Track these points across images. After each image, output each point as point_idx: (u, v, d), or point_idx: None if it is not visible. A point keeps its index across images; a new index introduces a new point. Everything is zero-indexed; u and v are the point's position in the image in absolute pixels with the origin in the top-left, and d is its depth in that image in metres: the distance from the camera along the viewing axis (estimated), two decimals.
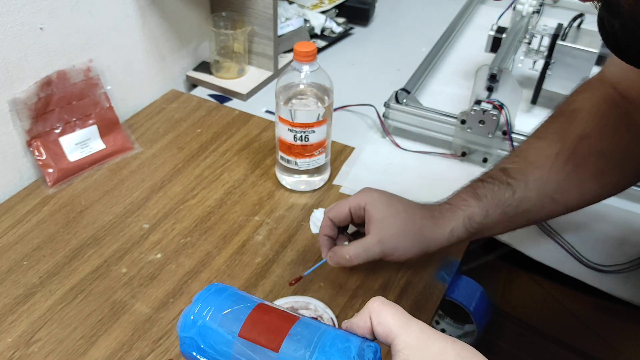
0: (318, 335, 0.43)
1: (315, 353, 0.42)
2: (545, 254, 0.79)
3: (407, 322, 0.42)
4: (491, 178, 0.67)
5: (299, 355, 0.42)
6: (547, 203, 0.66)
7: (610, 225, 0.80)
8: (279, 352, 0.42)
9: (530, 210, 0.66)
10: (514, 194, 0.65)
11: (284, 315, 0.45)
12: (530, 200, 0.65)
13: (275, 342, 0.43)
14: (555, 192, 0.66)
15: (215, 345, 0.45)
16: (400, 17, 1.33)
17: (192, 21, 1.05)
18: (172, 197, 0.82)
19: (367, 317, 0.43)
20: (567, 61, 0.94)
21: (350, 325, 0.44)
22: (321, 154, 0.80)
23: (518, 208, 0.65)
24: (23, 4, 0.75)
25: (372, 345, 0.43)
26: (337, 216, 0.67)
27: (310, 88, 0.76)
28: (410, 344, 0.41)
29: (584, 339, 0.85)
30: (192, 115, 0.98)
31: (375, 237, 0.64)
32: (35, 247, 0.74)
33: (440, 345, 0.40)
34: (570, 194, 0.66)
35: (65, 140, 0.85)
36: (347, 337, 0.43)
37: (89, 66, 0.86)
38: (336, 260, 0.66)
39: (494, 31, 1.04)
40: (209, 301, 0.46)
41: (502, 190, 0.66)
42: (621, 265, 0.76)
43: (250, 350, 0.43)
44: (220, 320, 0.45)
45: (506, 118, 0.84)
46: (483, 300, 0.75)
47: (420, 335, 0.41)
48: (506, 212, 0.65)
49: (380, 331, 0.42)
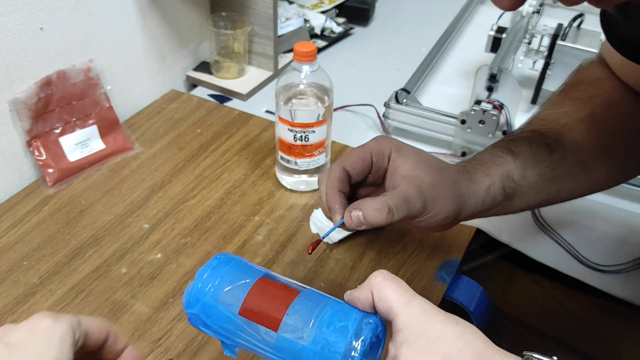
0: (317, 313, 0.43)
1: (313, 332, 0.42)
2: (545, 254, 0.79)
3: (409, 300, 0.40)
4: (524, 137, 0.59)
5: (297, 335, 0.42)
6: (580, 170, 0.59)
7: (610, 225, 0.80)
8: (278, 331, 0.43)
9: (563, 178, 0.59)
10: (552, 154, 0.58)
11: (284, 292, 0.45)
12: (566, 165, 0.59)
13: (274, 321, 0.43)
14: (590, 158, 0.59)
15: (219, 322, 0.45)
16: (400, 17, 1.32)
17: (192, 21, 1.05)
18: (172, 197, 0.82)
19: (369, 291, 0.42)
20: (567, 61, 0.94)
21: (352, 298, 0.43)
22: (321, 154, 0.80)
23: (554, 171, 0.58)
24: (23, 4, 0.75)
25: (372, 322, 0.42)
26: (356, 165, 0.53)
27: (310, 88, 0.76)
28: (410, 325, 0.39)
29: (584, 339, 0.85)
30: (192, 115, 0.98)
31: (412, 187, 0.51)
32: (36, 247, 0.74)
33: (440, 328, 0.39)
34: (602, 163, 0.60)
35: (65, 140, 0.85)
36: (346, 314, 0.42)
37: (89, 66, 0.86)
38: (366, 216, 0.49)
39: (494, 31, 1.04)
40: (210, 277, 0.46)
41: (540, 149, 0.58)
42: (621, 265, 0.76)
43: (251, 328, 0.44)
44: (222, 298, 0.45)
45: (506, 118, 0.84)
46: (483, 300, 0.75)
47: (421, 316, 0.40)
48: (543, 174, 0.58)
49: (381, 307, 0.41)
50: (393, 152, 0.54)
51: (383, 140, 0.55)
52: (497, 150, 0.59)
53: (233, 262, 0.48)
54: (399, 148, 0.54)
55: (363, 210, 0.49)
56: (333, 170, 0.53)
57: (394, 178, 0.53)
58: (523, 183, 0.57)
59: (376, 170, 0.54)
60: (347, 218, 0.50)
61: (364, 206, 0.49)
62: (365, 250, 0.74)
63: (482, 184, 0.56)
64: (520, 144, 0.59)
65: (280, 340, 0.43)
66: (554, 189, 0.59)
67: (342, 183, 0.52)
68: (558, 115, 0.62)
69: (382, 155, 0.54)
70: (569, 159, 0.59)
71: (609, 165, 0.61)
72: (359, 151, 0.54)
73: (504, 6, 0.39)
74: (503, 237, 0.81)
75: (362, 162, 0.53)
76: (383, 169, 0.54)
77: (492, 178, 0.56)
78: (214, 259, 0.48)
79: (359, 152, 0.54)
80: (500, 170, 0.56)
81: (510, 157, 0.57)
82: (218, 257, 0.48)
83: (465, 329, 0.39)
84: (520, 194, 0.58)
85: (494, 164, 0.57)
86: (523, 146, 0.58)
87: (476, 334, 0.39)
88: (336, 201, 0.52)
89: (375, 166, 0.54)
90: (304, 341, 0.42)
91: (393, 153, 0.54)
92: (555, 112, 0.63)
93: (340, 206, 0.51)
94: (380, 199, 0.50)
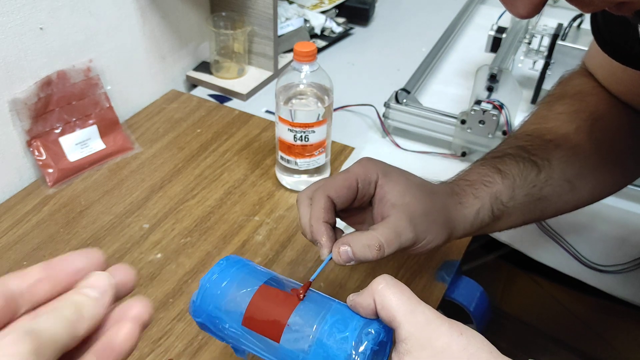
0: (317, 322, 0.42)
1: (314, 344, 0.42)
2: (546, 254, 0.79)
3: (413, 309, 0.39)
4: (510, 155, 0.58)
5: (298, 347, 0.42)
6: (565, 190, 0.59)
7: (610, 225, 0.80)
8: (280, 342, 0.43)
9: (548, 198, 0.58)
10: (539, 173, 0.57)
11: (285, 300, 0.45)
12: (552, 184, 0.58)
13: (275, 333, 0.43)
14: (576, 177, 0.59)
15: (224, 331, 0.46)
16: (400, 17, 1.32)
17: (192, 21, 1.05)
18: (172, 197, 0.82)
19: (371, 298, 0.41)
20: (567, 61, 0.94)
21: (354, 304, 0.42)
22: (321, 154, 0.80)
23: (541, 191, 0.57)
24: (23, 4, 0.75)
25: (373, 331, 0.42)
26: (341, 193, 0.50)
27: (310, 88, 0.76)
28: (414, 335, 0.39)
29: (584, 339, 0.85)
30: (192, 115, 0.98)
31: (403, 218, 0.49)
32: (35, 247, 0.74)
33: (445, 340, 0.38)
34: (587, 181, 0.60)
35: (65, 140, 0.85)
36: (347, 323, 0.42)
37: (89, 66, 0.86)
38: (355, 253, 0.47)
39: (494, 31, 1.04)
40: (213, 286, 0.47)
41: (527, 168, 0.57)
42: (621, 265, 0.76)
43: (254, 338, 0.44)
44: (225, 308, 0.45)
45: (506, 118, 0.84)
46: (483, 300, 0.75)
47: (426, 327, 0.39)
48: (530, 195, 0.56)
49: (383, 316, 0.40)
50: (380, 177, 0.52)
51: (369, 164, 0.52)
52: (484, 169, 0.57)
53: (235, 267, 0.48)
54: (386, 173, 0.52)
55: (352, 246, 0.47)
56: (317, 199, 0.50)
57: (383, 206, 0.51)
58: (511, 204, 0.56)
59: (361, 196, 0.52)
60: (336, 254, 0.48)
61: (353, 242, 0.47)
62: None
63: (472, 207, 0.54)
64: (507, 162, 0.57)
65: (283, 351, 0.43)
66: (539, 209, 0.59)
67: (327, 213, 0.49)
68: (543, 131, 0.61)
69: (368, 181, 0.51)
70: (555, 177, 0.58)
71: (595, 183, 0.61)
72: (344, 177, 0.51)
73: (519, 14, 0.38)
74: (503, 237, 0.81)
75: (348, 189, 0.50)
76: (369, 195, 0.52)
77: (482, 200, 0.55)
78: (217, 265, 0.48)
79: (345, 179, 0.51)
80: (489, 191, 0.55)
81: (499, 177, 0.56)
82: (220, 263, 0.48)
83: (470, 340, 0.39)
84: (507, 215, 0.56)
85: (482, 185, 0.55)
86: (511, 165, 0.57)
87: (481, 345, 0.39)
88: (322, 234, 0.49)
89: (361, 192, 0.51)
90: (305, 353, 0.42)
91: (380, 178, 0.51)
92: (541, 128, 0.62)
93: (327, 239, 0.49)
94: (371, 234, 0.47)
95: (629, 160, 0.63)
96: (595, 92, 0.64)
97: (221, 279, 0.47)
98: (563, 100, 0.65)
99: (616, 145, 0.61)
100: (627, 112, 0.63)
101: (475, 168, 0.58)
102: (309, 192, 0.52)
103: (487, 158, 0.59)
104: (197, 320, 0.47)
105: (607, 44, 0.60)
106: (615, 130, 0.61)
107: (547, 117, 0.63)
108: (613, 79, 0.63)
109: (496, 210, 0.55)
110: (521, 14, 0.38)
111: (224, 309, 0.45)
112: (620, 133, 0.62)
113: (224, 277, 0.47)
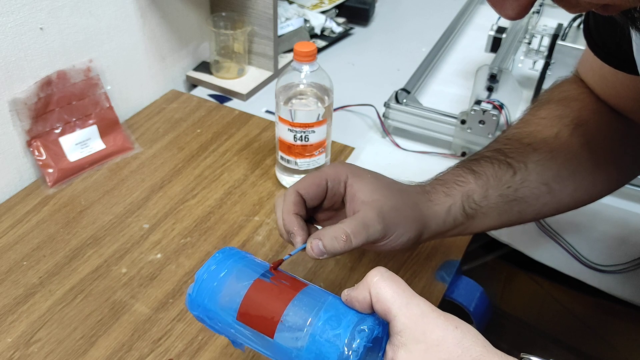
0: (311, 318, 0.43)
1: (307, 341, 0.42)
2: (545, 254, 0.79)
3: (408, 302, 0.40)
4: (486, 157, 0.60)
5: (291, 343, 0.42)
6: (542, 192, 0.60)
7: (610, 225, 0.80)
8: (273, 338, 0.43)
9: (525, 199, 0.59)
10: (514, 175, 0.58)
11: (279, 295, 0.45)
12: (529, 186, 0.59)
13: (269, 328, 0.43)
14: (553, 179, 0.59)
15: (221, 324, 0.46)
16: (400, 17, 1.33)
17: (192, 21, 1.05)
18: (172, 197, 0.82)
19: (367, 291, 0.41)
20: (567, 61, 0.94)
21: (349, 298, 0.42)
22: (321, 154, 0.80)
23: (517, 192, 0.58)
24: (23, 4, 0.75)
25: (367, 328, 0.41)
26: (310, 190, 0.53)
27: (310, 88, 0.76)
28: (408, 328, 0.39)
29: (584, 339, 0.85)
30: (192, 115, 0.98)
31: (372, 211, 0.51)
32: (35, 247, 0.74)
33: (440, 333, 0.38)
34: (565, 185, 0.60)
35: (65, 140, 0.85)
36: (340, 320, 0.42)
37: (89, 66, 0.86)
38: (325, 245, 0.49)
39: (494, 31, 1.04)
40: (209, 279, 0.47)
41: (502, 169, 0.58)
42: (621, 265, 0.76)
43: (249, 332, 0.45)
44: (220, 302, 0.46)
45: (506, 118, 0.84)
46: (483, 300, 0.75)
47: (420, 320, 0.39)
48: (505, 195, 0.58)
49: (378, 308, 0.41)
50: (350, 177, 0.54)
51: (339, 165, 0.55)
52: (458, 170, 0.58)
53: (231, 260, 0.48)
54: (356, 173, 0.54)
55: (322, 239, 0.49)
56: (288, 194, 0.53)
57: (354, 204, 0.53)
58: (484, 204, 0.57)
59: (332, 195, 0.55)
60: (309, 248, 0.50)
61: (323, 235, 0.50)
62: (364, 250, 0.74)
63: (443, 204, 0.56)
64: (482, 164, 0.58)
65: (277, 347, 0.43)
66: (515, 210, 0.59)
67: (297, 206, 0.53)
68: (523, 134, 0.62)
69: (337, 180, 0.54)
70: (531, 180, 0.59)
71: (574, 187, 0.61)
72: (314, 176, 0.54)
73: (508, 16, 0.38)
74: (503, 237, 0.81)
75: (317, 186, 0.54)
76: (339, 194, 0.55)
77: (453, 198, 0.56)
78: (212, 258, 0.48)
79: (314, 177, 0.54)
80: (461, 190, 0.57)
81: (472, 177, 0.57)
82: (216, 256, 0.48)
83: (465, 334, 0.39)
84: (482, 215, 0.58)
85: (454, 184, 0.57)
86: (485, 166, 0.58)
87: (476, 338, 0.39)
88: (294, 224, 0.52)
89: (330, 191, 0.54)
90: (298, 349, 0.42)
91: (350, 178, 0.54)
92: (521, 132, 0.62)
93: (298, 228, 0.52)
94: (338, 226, 0.50)
95: (611, 167, 0.63)
96: (581, 98, 0.64)
97: (217, 271, 0.47)
98: (548, 105, 0.65)
99: (598, 151, 0.61)
100: (612, 118, 0.63)
101: (450, 170, 0.59)
102: (283, 196, 0.55)
103: (464, 161, 0.61)
104: (194, 313, 0.47)
105: (599, 47, 0.61)
106: (598, 135, 0.62)
107: (529, 122, 0.64)
108: (603, 82, 0.63)
109: (468, 208, 0.57)
110: (510, 16, 0.38)
111: (219, 303, 0.46)
112: (603, 139, 0.62)
113: (220, 270, 0.47)
